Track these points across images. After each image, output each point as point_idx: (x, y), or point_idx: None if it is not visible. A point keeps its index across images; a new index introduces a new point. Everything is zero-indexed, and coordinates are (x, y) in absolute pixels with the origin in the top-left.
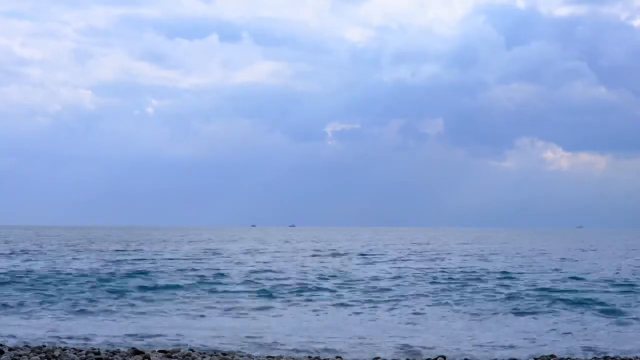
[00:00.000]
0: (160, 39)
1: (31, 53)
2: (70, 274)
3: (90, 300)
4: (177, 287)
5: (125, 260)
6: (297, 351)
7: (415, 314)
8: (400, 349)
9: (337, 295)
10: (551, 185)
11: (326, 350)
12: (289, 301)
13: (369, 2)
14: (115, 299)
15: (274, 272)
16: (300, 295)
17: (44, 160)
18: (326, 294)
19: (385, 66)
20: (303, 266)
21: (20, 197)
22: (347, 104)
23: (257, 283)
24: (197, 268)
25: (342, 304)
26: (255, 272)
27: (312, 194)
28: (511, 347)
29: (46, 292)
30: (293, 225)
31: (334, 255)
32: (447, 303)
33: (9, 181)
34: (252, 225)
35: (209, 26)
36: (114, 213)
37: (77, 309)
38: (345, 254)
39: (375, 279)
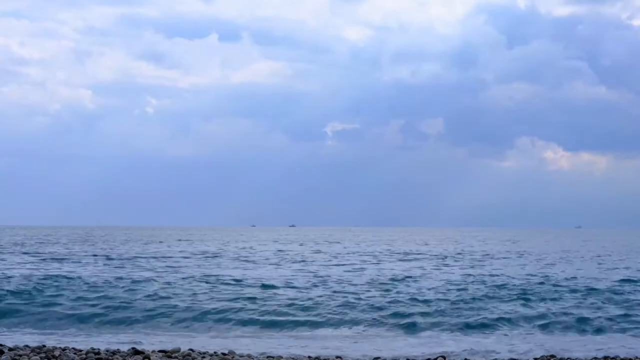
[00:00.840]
0: (159, 39)
1: (30, 53)
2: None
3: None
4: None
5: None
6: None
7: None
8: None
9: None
10: (551, 185)
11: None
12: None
13: (369, 1)
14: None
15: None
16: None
17: (44, 160)
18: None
19: (385, 66)
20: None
21: (20, 197)
22: (347, 104)
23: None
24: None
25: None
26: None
27: (312, 194)
28: None
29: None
30: (293, 225)
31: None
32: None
33: (9, 181)
34: (252, 225)
35: (209, 26)
36: (114, 213)
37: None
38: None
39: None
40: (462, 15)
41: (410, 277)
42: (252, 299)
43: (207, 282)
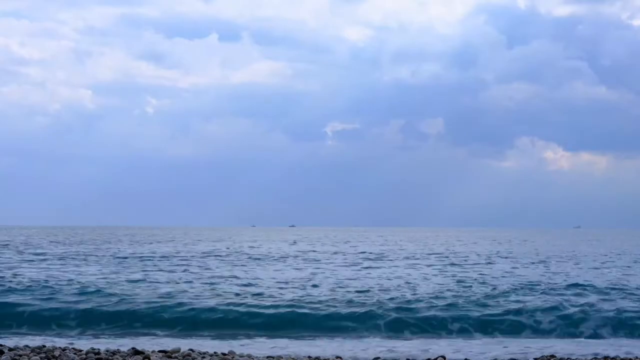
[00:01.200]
0: (159, 39)
1: (30, 53)
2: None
3: None
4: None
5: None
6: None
7: None
8: None
9: None
10: (551, 185)
11: None
12: None
13: (369, 1)
14: None
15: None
16: None
17: (44, 160)
18: None
19: (385, 66)
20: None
21: (20, 197)
22: (347, 104)
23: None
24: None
25: None
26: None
27: (312, 194)
28: None
29: None
30: (293, 225)
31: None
32: None
33: (9, 181)
34: (252, 225)
35: (209, 26)
36: (114, 213)
37: None
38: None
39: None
40: (462, 15)
41: (416, 277)
42: (256, 297)
43: (212, 281)
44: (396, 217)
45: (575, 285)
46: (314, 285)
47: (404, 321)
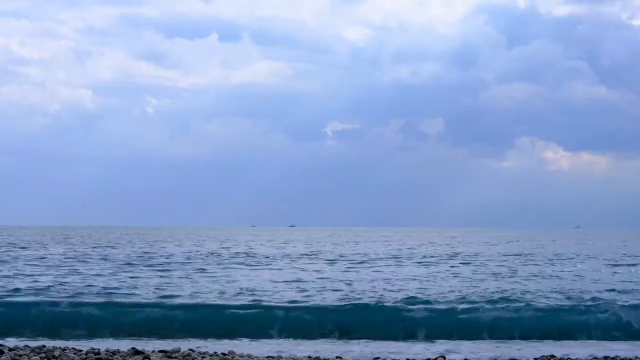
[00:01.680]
0: (159, 39)
1: (30, 53)
2: None
3: None
4: None
5: None
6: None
7: None
8: None
9: None
10: (551, 185)
11: None
12: None
13: (369, 1)
14: None
15: None
16: None
17: (44, 160)
18: None
19: (385, 66)
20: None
21: (20, 197)
22: (347, 104)
23: None
24: None
25: None
26: None
27: (312, 194)
28: None
29: None
30: (293, 226)
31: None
32: None
33: (9, 181)
34: (252, 225)
35: (209, 26)
36: (114, 213)
37: None
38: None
39: None
40: (462, 15)
41: (425, 277)
42: (262, 297)
43: (216, 281)
44: (396, 217)
45: (593, 284)
46: (315, 286)
47: (408, 321)
